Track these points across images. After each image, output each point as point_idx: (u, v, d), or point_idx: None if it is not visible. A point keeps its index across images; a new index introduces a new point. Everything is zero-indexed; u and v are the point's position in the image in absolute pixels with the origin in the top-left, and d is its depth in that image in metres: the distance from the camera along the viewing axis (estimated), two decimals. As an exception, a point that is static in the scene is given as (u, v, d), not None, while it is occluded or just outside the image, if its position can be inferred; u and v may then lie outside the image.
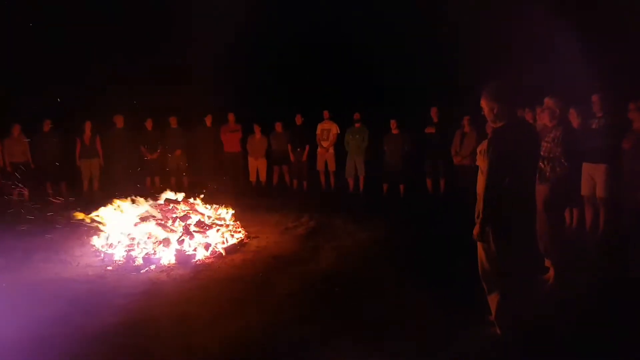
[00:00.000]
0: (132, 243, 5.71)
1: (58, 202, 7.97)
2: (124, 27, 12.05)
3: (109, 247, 5.77)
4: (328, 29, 13.17)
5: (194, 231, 5.91)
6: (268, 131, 10.43)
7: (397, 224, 7.07)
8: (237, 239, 6.18)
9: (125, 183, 8.71)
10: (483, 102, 3.40)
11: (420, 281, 4.68)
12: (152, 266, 5.29)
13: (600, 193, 5.75)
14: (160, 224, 5.93)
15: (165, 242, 5.61)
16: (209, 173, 10.17)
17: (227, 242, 6.00)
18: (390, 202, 8.87)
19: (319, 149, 9.99)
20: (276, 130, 10.35)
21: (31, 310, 4.16)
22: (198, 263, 5.44)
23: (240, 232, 6.46)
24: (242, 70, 12.60)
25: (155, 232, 5.83)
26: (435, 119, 9.11)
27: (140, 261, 5.37)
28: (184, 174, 10.33)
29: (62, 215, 7.48)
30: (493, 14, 10.19)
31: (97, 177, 9.89)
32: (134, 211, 6.30)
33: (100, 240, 6.00)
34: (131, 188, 6.80)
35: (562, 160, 4.44)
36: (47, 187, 9.57)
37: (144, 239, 5.74)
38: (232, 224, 6.63)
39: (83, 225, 6.83)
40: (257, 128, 10.34)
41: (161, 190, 7.19)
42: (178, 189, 7.75)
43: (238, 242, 6.10)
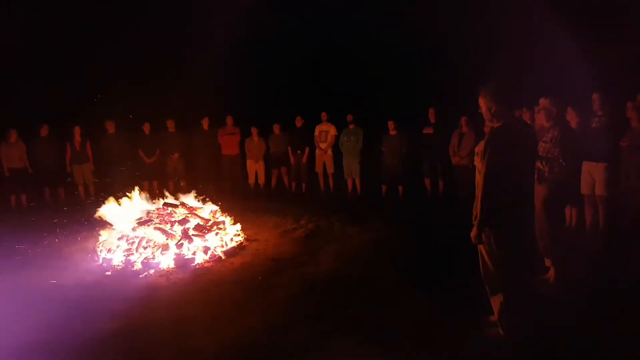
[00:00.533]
0: (130, 248, 5.69)
1: (56, 207, 7.94)
2: (123, 28, 12.04)
3: (108, 252, 5.74)
4: (327, 31, 13.20)
5: (193, 235, 5.90)
6: (266, 133, 10.40)
7: (396, 226, 7.06)
8: (237, 242, 6.17)
9: (122, 188, 8.67)
10: (481, 102, 3.40)
11: (420, 282, 4.67)
12: (151, 271, 5.28)
13: (600, 191, 5.74)
14: (159, 227, 5.91)
15: (164, 246, 5.59)
16: (207, 176, 10.14)
17: (227, 245, 5.99)
18: (389, 204, 8.87)
19: (317, 151, 9.97)
20: (274, 132, 10.32)
21: (30, 315, 4.15)
22: (197, 267, 5.43)
23: (239, 235, 6.44)
24: (239, 72, 12.61)
25: (154, 236, 5.81)
26: (433, 120, 9.09)
27: (139, 266, 5.36)
28: (179, 178, 10.27)
29: (61, 219, 7.48)
30: (492, 14, 10.22)
31: (90, 182, 9.82)
32: (133, 211, 6.29)
33: (99, 245, 5.97)
34: (129, 192, 6.76)
35: (560, 160, 4.44)
36: (45, 192, 9.55)
37: (143, 243, 5.72)
38: (230, 225, 6.61)
39: (82, 230, 6.83)
40: (254, 130, 10.30)
41: (160, 194, 7.17)
42: (176, 192, 7.71)
43: (237, 245, 6.09)
